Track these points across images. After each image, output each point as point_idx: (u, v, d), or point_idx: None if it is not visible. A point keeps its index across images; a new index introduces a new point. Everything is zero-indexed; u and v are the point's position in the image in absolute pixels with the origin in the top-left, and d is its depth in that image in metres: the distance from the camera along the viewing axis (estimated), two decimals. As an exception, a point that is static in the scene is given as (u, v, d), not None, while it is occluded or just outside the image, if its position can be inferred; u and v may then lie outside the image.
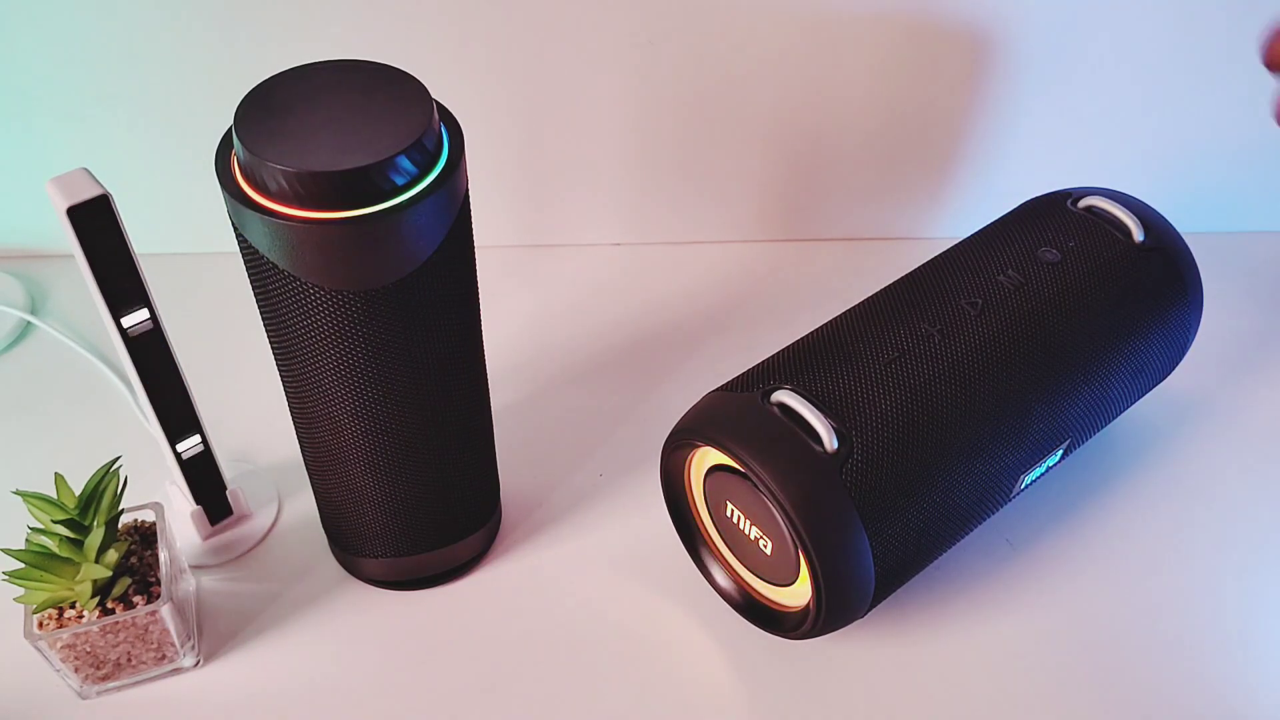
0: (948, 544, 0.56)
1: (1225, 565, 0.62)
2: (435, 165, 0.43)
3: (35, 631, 0.50)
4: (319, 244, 0.42)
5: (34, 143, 0.73)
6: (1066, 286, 0.57)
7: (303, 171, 0.40)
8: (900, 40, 0.72)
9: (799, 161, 0.79)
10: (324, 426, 0.50)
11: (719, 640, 0.58)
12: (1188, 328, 0.62)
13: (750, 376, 0.55)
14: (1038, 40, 0.73)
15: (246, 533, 0.62)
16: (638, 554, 0.62)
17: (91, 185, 0.46)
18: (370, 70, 0.45)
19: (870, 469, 0.50)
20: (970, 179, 0.81)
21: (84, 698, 0.54)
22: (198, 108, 0.71)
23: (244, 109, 0.43)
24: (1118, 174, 0.75)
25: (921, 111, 0.76)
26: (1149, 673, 0.57)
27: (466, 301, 0.49)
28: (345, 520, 0.56)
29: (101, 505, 0.51)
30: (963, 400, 0.53)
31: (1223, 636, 0.59)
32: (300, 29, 0.68)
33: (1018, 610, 0.60)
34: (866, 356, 0.53)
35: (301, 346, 0.47)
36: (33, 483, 0.53)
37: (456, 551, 0.59)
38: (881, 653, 0.58)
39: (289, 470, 0.64)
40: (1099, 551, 0.63)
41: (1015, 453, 0.55)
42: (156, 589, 0.52)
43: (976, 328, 0.55)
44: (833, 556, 0.49)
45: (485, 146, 0.67)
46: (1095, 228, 0.61)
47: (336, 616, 0.58)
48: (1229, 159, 0.81)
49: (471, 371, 0.53)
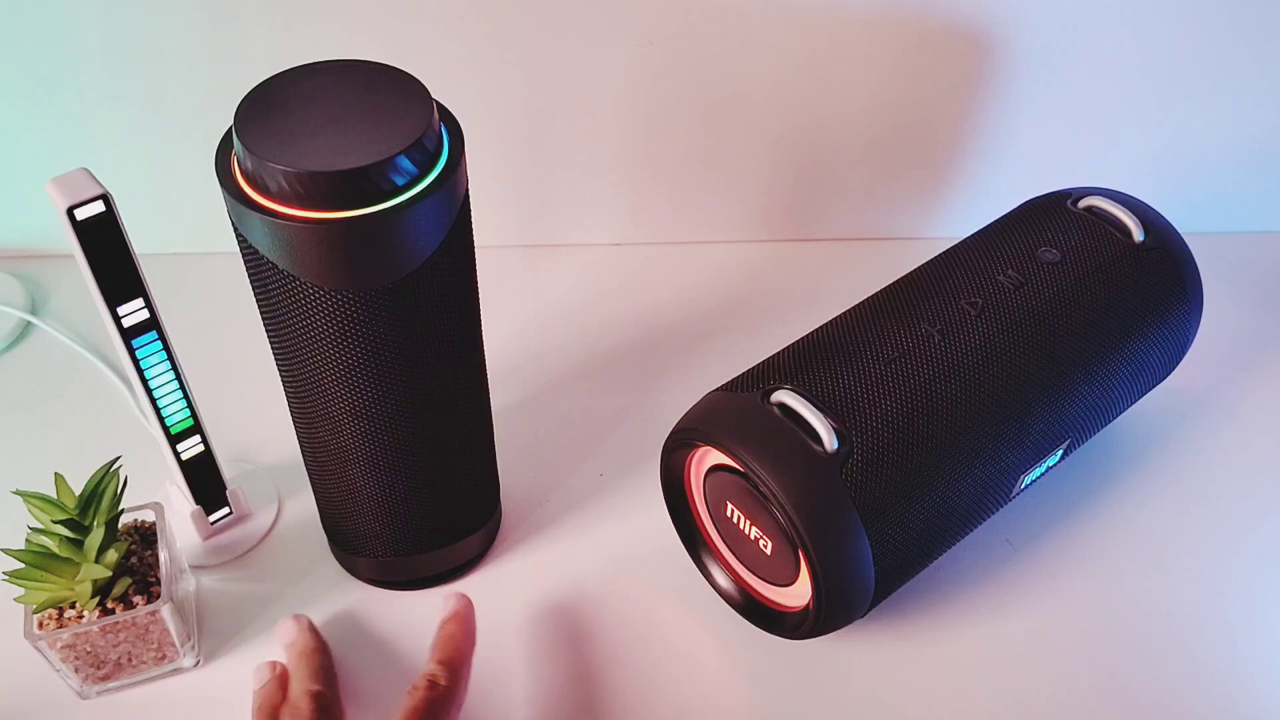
0: (948, 544, 0.56)
1: (1225, 565, 0.62)
2: (435, 165, 0.43)
3: (35, 631, 0.50)
4: (319, 244, 0.42)
5: (34, 143, 0.73)
6: (1066, 286, 0.57)
7: (303, 171, 0.40)
8: (900, 40, 0.72)
9: (799, 161, 0.79)
10: (324, 426, 0.50)
11: (719, 640, 0.58)
12: (1188, 328, 0.62)
13: (750, 376, 0.55)
14: (1038, 40, 0.73)
15: (246, 533, 0.62)
16: (638, 554, 0.62)
17: (91, 185, 0.46)
18: (370, 70, 0.45)
19: (870, 469, 0.50)
20: (970, 179, 0.81)
21: (84, 698, 0.54)
22: (198, 108, 0.71)
23: (244, 109, 0.43)
24: (1118, 174, 0.75)
25: (921, 112, 0.76)
26: (1149, 672, 0.57)
27: (466, 301, 0.49)
28: (345, 520, 0.56)
29: (101, 505, 0.51)
30: (963, 400, 0.53)
31: (1223, 636, 0.59)
32: (300, 29, 0.68)
33: (1018, 610, 0.60)
34: (866, 356, 0.53)
35: (301, 346, 0.46)
36: (33, 483, 0.53)
37: (456, 551, 0.59)
38: (881, 653, 0.58)
39: (289, 470, 0.64)
40: (1099, 551, 0.63)
41: (1015, 453, 0.55)
42: (156, 589, 0.52)
43: (976, 328, 0.55)
44: (833, 556, 0.49)
45: (485, 146, 0.67)
46: (1095, 228, 0.61)
47: (336, 616, 0.58)
48: (1229, 159, 0.81)
49: (471, 371, 0.53)
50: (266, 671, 0.53)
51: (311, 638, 0.55)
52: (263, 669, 0.53)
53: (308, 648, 0.54)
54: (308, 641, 0.54)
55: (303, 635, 0.55)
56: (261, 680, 0.52)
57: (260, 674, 0.53)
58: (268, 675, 0.52)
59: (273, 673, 0.53)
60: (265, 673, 0.53)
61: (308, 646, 0.54)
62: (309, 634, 0.55)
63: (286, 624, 0.56)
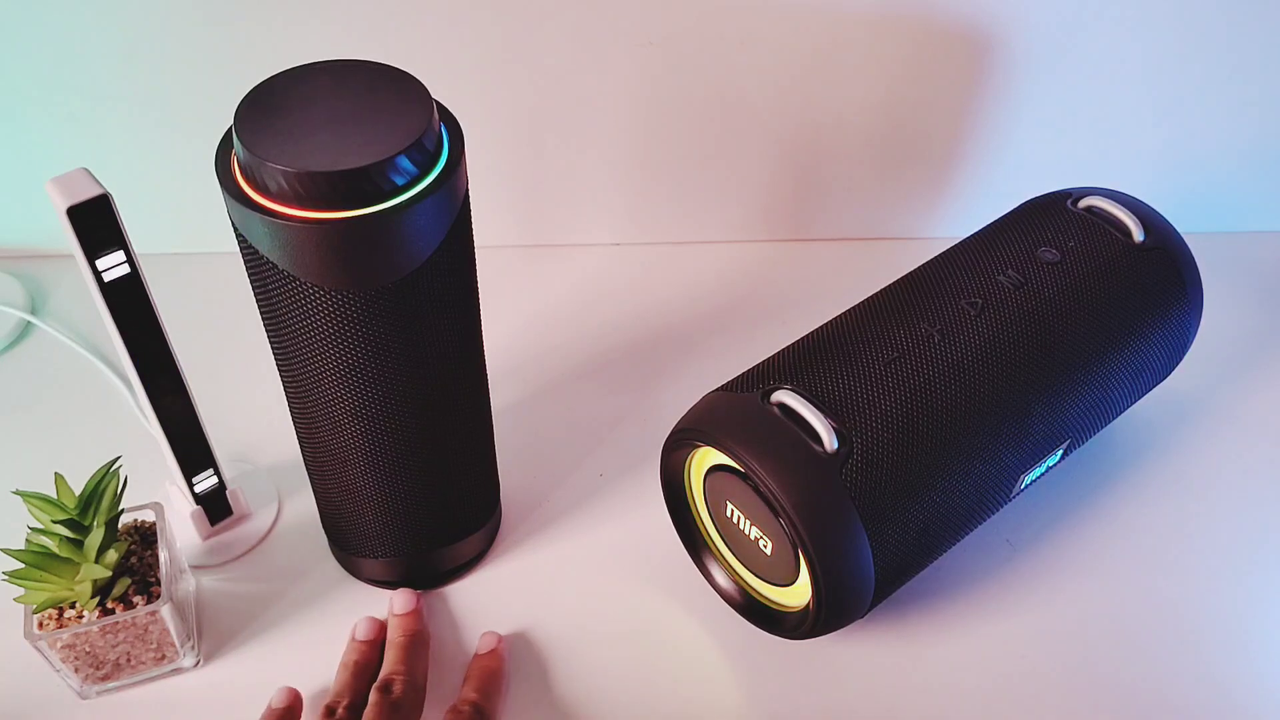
0: (948, 544, 0.56)
1: (1225, 565, 0.62)
2: (435, 165, 0.43)
3: (35, 631, 0.50)
4: (319, 244, 0.42)
5: (34, 143, 0.73)
6: (1066, 286, 0.57)
7: (303, 171, 0.40)
8: (900, 40, 0.72)
9: (799, 161, 0.79)
10: (324, 426, 0.50)
11: (719, 640, 0.58)
12: (1188, 328, 0.62)
13: (750, 376, 0.55)
14: (1038, 40, 0.73)
15: (246, 533, 0.62)
16: (638, 554, 0.62)
17: (91, 185, 0.46)
18: (370, 70, 0.45)
19: (870, 469, 0.50)
20: (970, 179, 0.81)
21: (84, 698, 0.54)
22: (198, 108, 0.70)
23: (244, 109, 0.43)
24: (1118, 174, 0.75)
25: (921, 112, 0.76)
26: (1149, 672, 0.57)
27: (466, 301, 0.49)
28: (345, 520, 0.56)
29: (101, 505, 0.51)
30: (963, 400, 0.53)
31: (1223, 635, 0.59)
32: (300, 29, 0.68)
33: (1018, 610, 0.60)
34: (866, 356, 0.53)
35: (301, 346, 0.46)
36: (33, 483, 0.53)
37: (456, 551, 0.59)
38: (881, 653, 0.58)
39: (289, 470, 0.64)
40: (1099, 551, 0.63)
41: (1015, 453, 0.55)
42: (156, 589, 0.52)
43: (976, 328, 0.55)
44: (833, 556, 0.49)
45: (485, 146, 0.67)
46: (1095, 228, 0.61)
47: (336, 616, 0.58)
48: (1229, 159, 0.81)
49: (471, 372, 0.53)
50: (283, 697, 0.53)
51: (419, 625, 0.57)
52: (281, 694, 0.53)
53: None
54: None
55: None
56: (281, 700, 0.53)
57: (280, 696, 0.53)
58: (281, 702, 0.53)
59: (283, 702, 0.53)
60: (283, 697, 0.53)
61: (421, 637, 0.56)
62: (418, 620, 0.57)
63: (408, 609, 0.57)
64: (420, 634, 0.56)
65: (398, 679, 0.52)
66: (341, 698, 0.51)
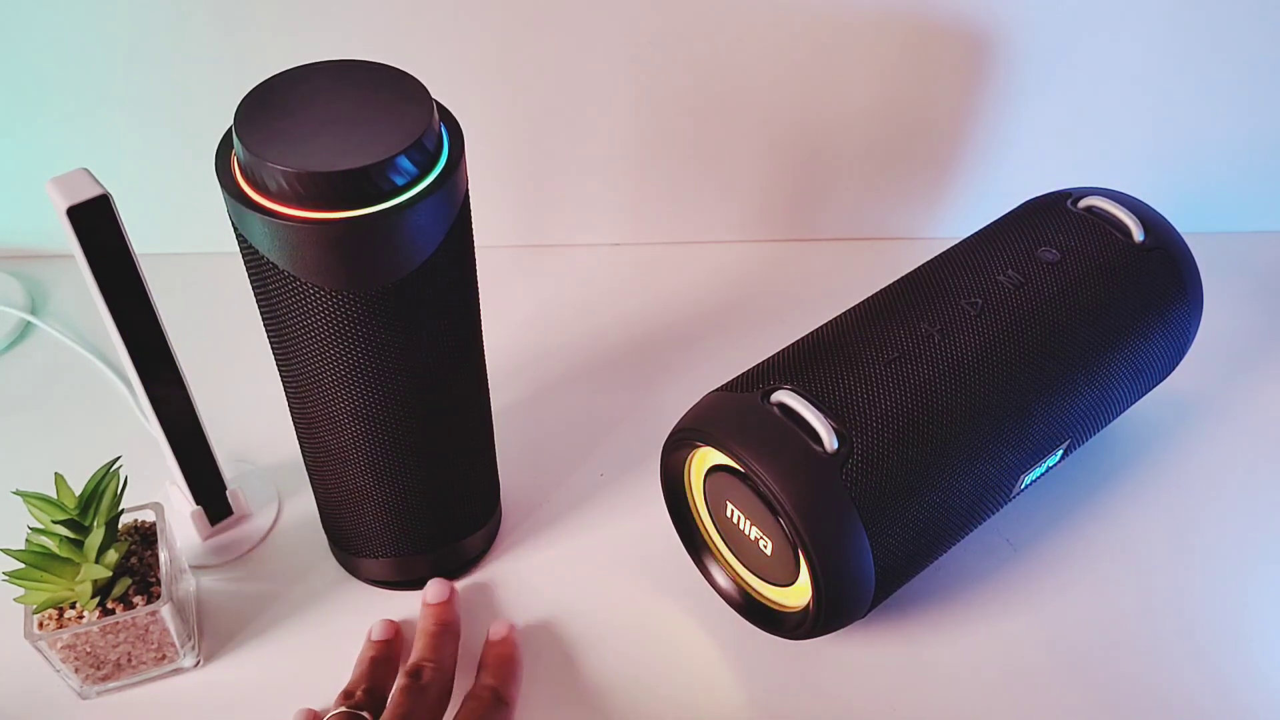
0: (948, 544, 0.56)
1: (1226, 565, 0.62)
2: (435, 165, 0.43)
3: (35, 631, 0.50)
4: (319, 244, 0.42)
5: (34, 143, 0.73)
6: (1066, 286, 0.57)
7: (303, 171, 0.40)
8: (900, 40, 0.72)
9: (799, 161, 0.79)
10: (324, 426, 0.50)
11: (719, 640, 0.58)
12: (1188, 328, 0.62)
13: (750, 376, 0.55)
14: (1038, 40, 0.73)
15: (246, 533, 0.62)
16: (638, 554, 0.62)
17: (91, 185, 0.46)
18: (370, 70, 0.45)
19: (870, 469, 0.50)
20: (970, 179, 0.81)
21: (84, 698, 0.54)
22: (198, 108, 0.71)
23: (244, 109, 0.43)
24: (1118, 174, 0.75)
25: (921, 112, 0.76)
26: (1149, 672, 0.57)
27: (466, 301, 0.49)
28: (345, 520, 0.56)
29: (101, 505, 0.51)
30: (963, 400, 0.53)
31: (1224, 636, 0.59)
32: (300, 29, 0.68)
33: (1018, 610, 0.60)
34: (866, 356, 0.53)
35: (301, 346, 0.46)
36: (33, 483, 0.53)
37: (456, 551, 0.59)
38: (881, 653, 0.58)
39: (289, 470, 0.64)
40: (1099, 551, 0.63)
41: (1015, 453, 0.55)
42: (156, 589, 0.52)
43: (976, 328, 0.55)
44: (833, 556, 0.49)
45: (485, 146, 0.67)
46: (1095, 228, 0.61)
47: (336, 616, 0.58)
48: (1229, 159, 0.81)
49: (471, 372, 0.53)
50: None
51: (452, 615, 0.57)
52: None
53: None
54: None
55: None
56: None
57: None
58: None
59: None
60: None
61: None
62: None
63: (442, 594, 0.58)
64: (452, 624, 0.56)
65: (428, 666, 0.52)
66: (360, 684, 0.52)
